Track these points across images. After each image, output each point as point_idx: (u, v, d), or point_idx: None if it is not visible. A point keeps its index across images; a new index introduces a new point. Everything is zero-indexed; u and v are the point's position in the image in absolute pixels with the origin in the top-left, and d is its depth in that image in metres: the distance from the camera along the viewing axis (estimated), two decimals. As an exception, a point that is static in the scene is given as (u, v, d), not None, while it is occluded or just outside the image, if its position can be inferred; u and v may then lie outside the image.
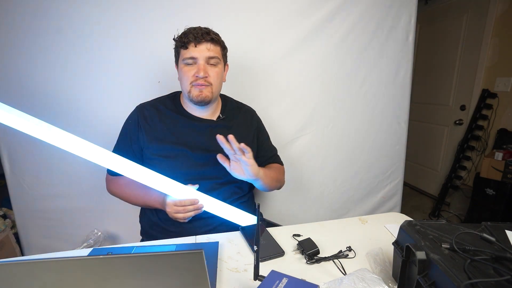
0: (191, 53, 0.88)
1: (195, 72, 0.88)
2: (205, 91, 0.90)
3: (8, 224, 1.50)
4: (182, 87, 0.94)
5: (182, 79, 0.92)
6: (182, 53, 0.89)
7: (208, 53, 0.88)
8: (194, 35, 0.87)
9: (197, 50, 0.87)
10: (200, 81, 0.89)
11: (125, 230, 1.42)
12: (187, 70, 0.89)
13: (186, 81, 0.90)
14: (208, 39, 0.88)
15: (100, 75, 1.24)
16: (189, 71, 0.89)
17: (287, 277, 0.56)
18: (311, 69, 1.41)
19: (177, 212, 0.84)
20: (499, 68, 2.13)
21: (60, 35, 1.18)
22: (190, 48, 0.88)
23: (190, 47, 0.87)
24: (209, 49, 0.88)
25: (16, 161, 1.28)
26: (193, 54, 0.88)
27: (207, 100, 0.92)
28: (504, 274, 0.45)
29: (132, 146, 0.95)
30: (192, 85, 0.90)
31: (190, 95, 0.91)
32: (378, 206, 1.67)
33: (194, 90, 0.90)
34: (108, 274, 0.42)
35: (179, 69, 0.93)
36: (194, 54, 0.88)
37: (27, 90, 1.21)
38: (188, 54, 0.88)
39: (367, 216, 0.96)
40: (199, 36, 0.87)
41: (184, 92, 0.94)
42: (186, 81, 0.90)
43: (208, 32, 0.89)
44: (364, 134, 1.56)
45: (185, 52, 0.88)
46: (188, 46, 0.87)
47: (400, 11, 1.44)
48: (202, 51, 0.88)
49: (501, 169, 1.85)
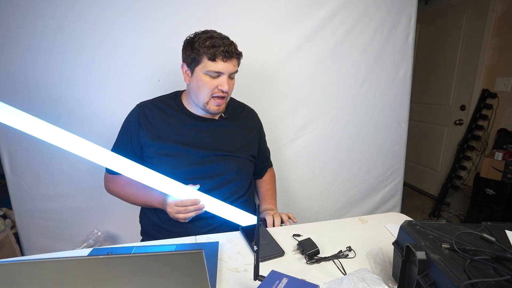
0: (219, 68, 0.86)
1: (219, 85, 0.88)
2: (222, 105, 0.92)
3: (8, 224, 1.50)
4: (198, 95, 0.90)
5: (201, 88, 0.89)
6: (208, 65, 0.86)
7: (233, 69, 0.88)
8: (225, 50, 0.84)
9: (226, 66, 0.86)
10: (221, 93, 0.89)
11: (125, 230, 1.42)
12: (210, 82, 0.88)
13: (206, 92, 0.89)
14: (236, 55, 0.88)
15: (100, 74, 1.24)
16: (212, 83, 0.88)
17: (287, 277, 0.56)
18: (311, 69, 1.41)
19: (178, 213, 0.84)
20: (499, 68, 2.13)
21: (60, 34, 1.18)
22: (219, 62, 0.85)
23: (218, 60, 0.85)
24: (235, 65, 0.89)
25: (16, 161, 1.28)
26: (221, 69, 0.86)
27: (222, 112, 0.95)
28: (504, 274, 0.45)
29: (132, 144, 0.95)
30: (212, 97, 0.90)
31: (207, 106, 0.91)
32: (378, 206, 1.67)
33: (212, 103, 0.91)
34: (108, 274, 0.42)
35: (196, 77, 0.89)
36: (221, 70, 0.86)
37: (27, 89, 1.21)
38: (215, 68, 0.85)
39: (367, 216, 0.96)
40: (229, 51, 0.85)
41: (199, 100, 0.92)
42: (207, 92, 0.89)
43: (236, 48, 0.89)
44: (364, 134, 1.56)
45: (212, 65, 0.85)
46: (216, 60, 0.85)
47: (400, 11, 1.44)
48: (229, 67, 0.87)
49: (501, 169, 1.85)
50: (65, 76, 1.22)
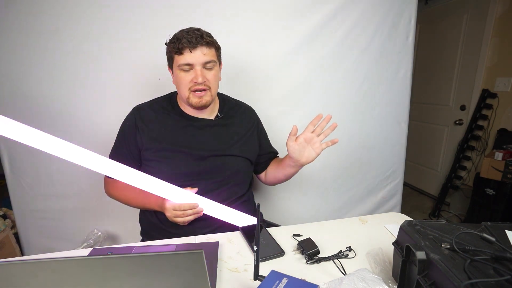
0: (187, 59, 0.85)
1: (193, 78, 0.86)
2: (204, 97, 0.89)
3: (8, 224, 1.51)
4: (180, 92, 0.91)
5: (179, 85, 0.89)
6: (177, 59, 0.86)
7: (204, 58, 0.86)
8: (188, 40, 0.83)
9: (193, 56, 0.84)
10: (199, 86, 0.87)
11: (125, 230, 1.42)
12: (184, 76, 0.87)
13: (184, 87, 0.88)
14: (203, 43, 0.84)
15: (101, 73, 1.24)
16: (186, 77, 0.87)
17: (287, 277, 0.56)
18: (311, 69, 1.41)
19: (176, 216, 0.84)
20: (499, 68, 2.13)
21: (57, 35, 1.18)
22: (185, 54, 0.84)
23: (185, 52, 0.84)
24: (205, 54, 0.85)
25: (16, 161, 1.28)
26: (189, 60, 0.85)
27: (207, 105, 0.92)
28: (504, 274, 0.45)
29: (130, 148, 0.95)
30: (190, 91, 0.88)
31: (189, 101, 0.90)
32: (378, 206, 1.67)
33: (193, 97, 0.89)
34: (108, 274, 0.42)
35: (174, 74, 0.90)
36: (190, 60, 0.85)
37: (24, 90, 1.21)
38: (183, 61, 0.85)
39: (367, 216, 0.96)
40: (193, 40, 0.83)
41: (182, 97, 0.92)
42: (184, 87, 0.88)
43: (202, 35, 0.85)
44: (364, 134, 1.55)
45: (180, 58, 0.85)
46: (183, 52, 0.84)
47: (400, 11, 1.44)
48: (198, 56, 0.85)
49: (501, 169, 1.85)
50: (64, 77, 1.22)
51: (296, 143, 0.91)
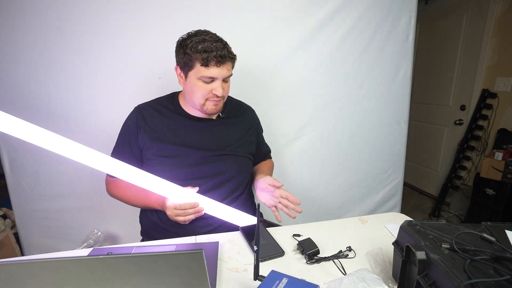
0: (212, 74, 0.84)
1: (213, 90, 0.87)
2: (220, 105, 0.92)
3: (8, 224, 1.51)
4: (193, 99, 0.90)
5: (194, 92, 0.88)
6: (200, 70, 0.84)
7: (227, 73, 0.87)
8: (218, 54, 0.82)
9: (219, 71, 0.84)
10: (216, 98, 0.88)
11: (125, 230, 1.42)
12: (203, 86, 0.87)
13: (200, 96, 0.88)
14: (229, 59, 0.86)
15: (101, 73, 1.24)
16: (206, 87, 0.87)
17: (287, 277, 0.56)
18: (311, 69, 1.41)
19: (177, 216, 0.84)
20: (499, 68, 2.13)
21: (59, 34, 1.18)
22: (211, 68, 0.83)
23: (211, 66, 0.83)
24: (228, 69, 0.87)
25: (16, 161, 1.28)
26: (214, 74, 0.84)
27: (219, 112, 0.95)
28: (504, 274, 0.45)
29: (131, 147, 0.95)
30: (207, 99, 0.89)
31: (204, 108, 0.90)
32: (378, 206, 1.67)
33: (209, 104, 0.90)
34: (108, 274, 0.42)
35: (190, 81, 0.88)
36: (215, 75, 0.85)
37: (26, 89, 1.21)
38: (208, 74, 0.84)
39: (367, 216, 0.96)
40: (222, 57, 0.83)
41: (194, 103, 0.91)
42: (201, 96, 0.88)
43: (229, 52, 0.86)
44: (364, 134, 1.56)
45: (205, 71, 0.84)
46: (209, 65, 0.83)
47: (400, 11, 1.44)
48: (223, 72, 0.85)
49: (501, 169, 1.85)
50: (65, 76, 1.22)
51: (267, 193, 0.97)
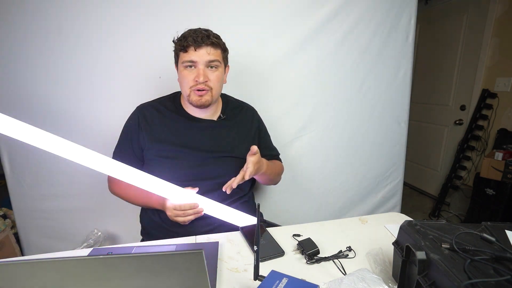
0: (191, 57, 0.86)
1: (195, 76, 0.87)
2: (205, 96, 0.90)
3: (8, 224, 1.50)
4: (182, 90, 0.93)
5: (182, 82, 0.91)
6: (182, 56, 0.88)
7: (208, 57, 0.87)
8: (194, 38, 0.85)
9: (197, 54, 0.86)
10: (200, 85, 0.88)
11: (125, 230, 1.42)
12: (187, 74, 0.88)
13: (186, 85, 0.89)
14: (208, 43, 0.86)
15: (101, 73, 1.24)
16: (189, 75, 0.88)
17: (287, 277, 0.56)
18: (311, 69, 1.41)
19: (177, 216, 0.84)
20: (499, 68, 2.13)
21: (60, 34, 1.18)
22: (190, 52, 0.86)
23: (189, 50, 0.86)
24: (209, 53, 0.87)
25: (16, 161, 1.28)
26: (192, 58, 0.86)
27: (206, 104, 0.92)
28: (504, 274, 0.45)
29: (133, 147, 0.95)
30: (191, 89, 0.89)
31: (190, 99, 0.90)
32: (378, 206, 1.67)
33: (193, 95, 0.89)
34: (108, 274, 0.42)
35: (178, 71, 0.92)
36: (193, 58, 0.86)
37: (27, 89, 1.21)
38: (187, 58, 0.86)
39: (367, 216, 0.96)
40: (199, 39, 0.85)
41: (184, 95, 0.93)
42: (186, 85, 0.89)
43: (209, 35, 0.87)
44: (364, 134, 1.55)
45: (185, 56, 0.87)
46: (187, 50, 0.86)
47: (400, 11, 1.44)
48: (202, 55, 0.86)
49: (501, 169, 1.85)
50: (65, 76, 1.22)
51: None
